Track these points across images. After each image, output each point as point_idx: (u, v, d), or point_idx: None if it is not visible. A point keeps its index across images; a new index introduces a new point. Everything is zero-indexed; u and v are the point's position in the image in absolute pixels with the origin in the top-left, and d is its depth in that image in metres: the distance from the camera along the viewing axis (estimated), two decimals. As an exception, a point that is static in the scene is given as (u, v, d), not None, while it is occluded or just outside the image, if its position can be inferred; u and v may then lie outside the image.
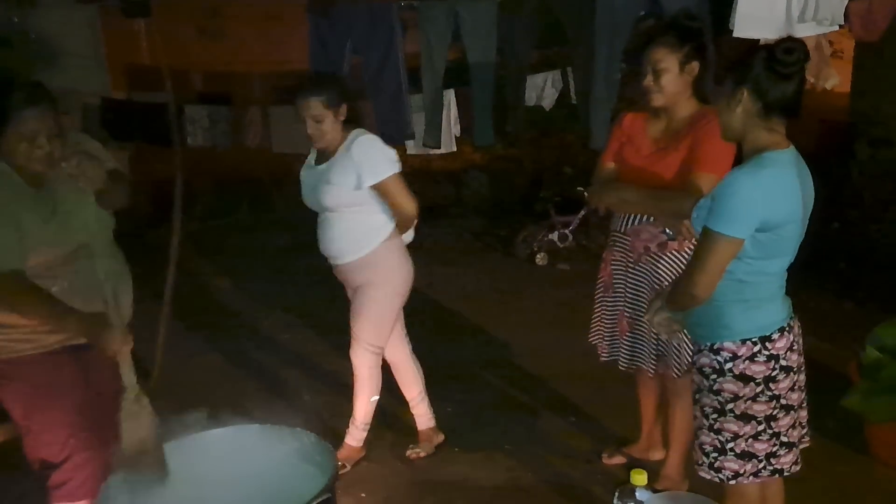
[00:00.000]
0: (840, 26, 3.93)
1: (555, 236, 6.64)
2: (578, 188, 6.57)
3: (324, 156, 3.18)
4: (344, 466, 3.32)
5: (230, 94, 7.73)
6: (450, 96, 5.65)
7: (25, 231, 2.30)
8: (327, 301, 3.65)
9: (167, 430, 2.37)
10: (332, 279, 3.38)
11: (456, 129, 5.86)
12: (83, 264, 2.40)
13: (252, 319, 5.37)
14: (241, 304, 5.70)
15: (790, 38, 2.07)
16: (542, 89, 6.31)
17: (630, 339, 3.00)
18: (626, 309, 2.98)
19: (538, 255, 6.54)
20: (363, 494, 3.23)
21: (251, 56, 8.38)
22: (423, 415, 3.55)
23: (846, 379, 3.48)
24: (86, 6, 5.96)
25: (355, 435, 3.42)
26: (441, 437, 3.57)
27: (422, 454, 3.48)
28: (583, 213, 6.54)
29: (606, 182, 2.95)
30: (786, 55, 2.03)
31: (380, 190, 3.07)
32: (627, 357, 3.03)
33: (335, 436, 3.41)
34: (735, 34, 3.79)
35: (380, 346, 3.29)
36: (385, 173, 3.04)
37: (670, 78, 2.72)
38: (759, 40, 3.18)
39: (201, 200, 8.19)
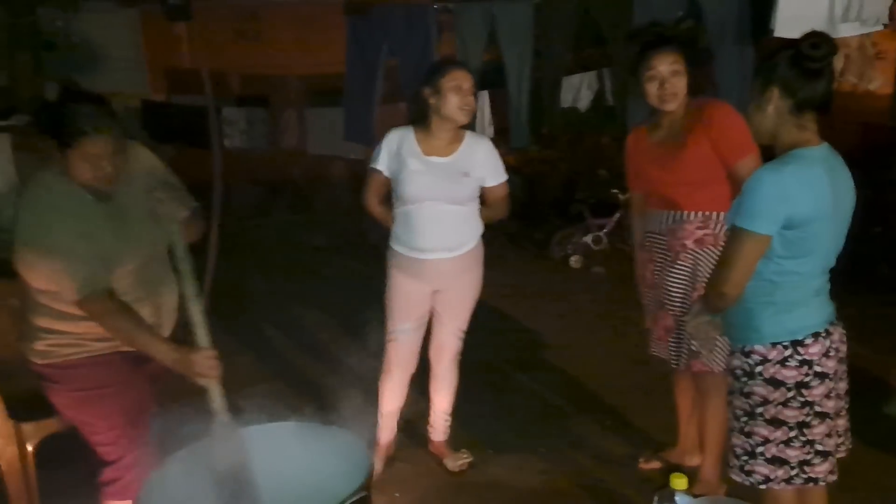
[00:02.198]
0: (885, 26, 3.87)
1: (589, 239, 6.62)
2: (613, 190, 6.56)
3: (432, 147, 3.08)
4: (462, 457, 3.41)
5: (267, 96, 7.83)
6: (484, 98, 5.65)
7: (104, 248, 2.28)
8: (364, 301, 3.66)
9: (203, 428, 2.38)
10: (369, 279, 3.38)
11: (490, 131, 5.87)
12: (149, 276, 2.42)
13: (289, 319, 5.42)
14: (278, 304, 5.76)
15: (815, 34, 2.05)
16: (578, 91, 6.31)
17: (676, 336, 2.99)
18: (670, 307, 2.97)
19: (573, 258, 6.52)
20: (397, 494, 3.24)
21: (288, 59, 8.46)
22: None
23: (888, 385, 3.42)
24: (128, 10, 6.08)
25: (443, 428, 3.44)
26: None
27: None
28: (618, 215, 6.51)
29: (636, 213, 3.19)
30: (813, 50, 2.01)
31: (493, 189, 3.20)
32: (675, 353, 3.01)
33: (368, 434, 3.41)
34: (776, 34, 3.76)
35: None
36: (505, 176, 3.24)
37: (684, 81, 2.82)
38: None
39: (238, 201, 8.29)
